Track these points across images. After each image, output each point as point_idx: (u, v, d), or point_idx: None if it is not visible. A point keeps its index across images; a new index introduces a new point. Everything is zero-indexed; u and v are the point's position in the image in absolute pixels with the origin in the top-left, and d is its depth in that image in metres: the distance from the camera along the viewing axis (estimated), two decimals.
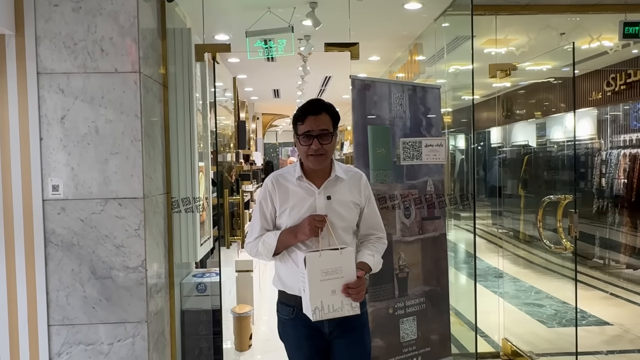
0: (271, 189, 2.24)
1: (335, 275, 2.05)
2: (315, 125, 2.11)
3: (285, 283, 2.25)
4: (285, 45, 4.00)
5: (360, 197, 2.28)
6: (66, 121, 2.80)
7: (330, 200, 2.19)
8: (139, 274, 2.86)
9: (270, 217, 2.25)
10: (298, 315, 2.19)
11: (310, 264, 2.03)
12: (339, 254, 2.08)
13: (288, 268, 2.22)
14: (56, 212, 2.82)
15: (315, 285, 2.02)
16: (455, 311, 4.70)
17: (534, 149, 9.63)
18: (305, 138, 2.13)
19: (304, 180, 2.20)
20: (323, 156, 2.14)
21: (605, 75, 7.45)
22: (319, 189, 2.20)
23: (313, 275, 2.02)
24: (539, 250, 7.61)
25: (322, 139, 2.12)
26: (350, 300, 2.06)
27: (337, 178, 2.22)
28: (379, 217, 2.38)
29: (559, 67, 5.90)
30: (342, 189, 2.24)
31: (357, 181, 2.29)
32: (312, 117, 2.12)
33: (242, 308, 4.42)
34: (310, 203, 2.18)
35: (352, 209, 2.25)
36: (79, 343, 2.85)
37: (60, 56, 2.79)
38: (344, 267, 2.07)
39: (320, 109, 2.15)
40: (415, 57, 5.64)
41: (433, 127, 3.73)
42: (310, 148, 2.12)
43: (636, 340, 4.57)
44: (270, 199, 2.24)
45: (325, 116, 2.15)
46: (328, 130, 2.14)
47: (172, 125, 3.34)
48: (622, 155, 6.91)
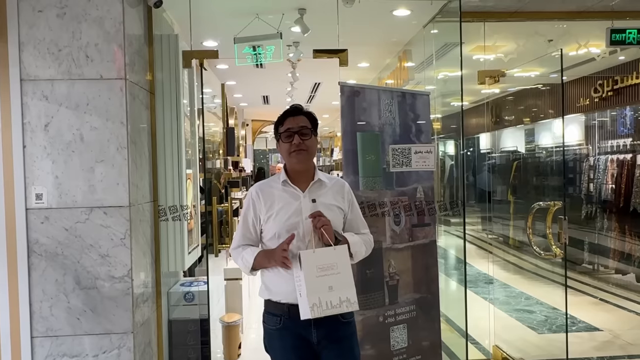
0: (255, 198, 2.27)
1: (331, 271, 2.06)
2: (294, 123, 2.21)
3: (272, 290, 2.23)
4: (273, 52, 3.98)
5: (344, 202, 2.33)
6: (50, 128, 2.76)
7: (316, 203, 2.23)
8: (124, 283, 2.81)
9: (252, 227, 2.28)
10: (285, 325, 2.18)
11: (305, 261, 2.04)
12: (332, 250, 2.10)
13: (275, 275, 2.21)
14: (40, 221, 2.76)
15: (311, 281, 2.03)
16: (446, 318, 4.68)
17: (523, 154, 9.69)
18: (286, 136, 2.21)
19: (288, 184, 2.25)
20: (305, 152, 2.21)
21: (592, 82, 7.51)
22: (304, 192, 2.24)
23: (309, 271, 2.03)
24: (529, 256, 7.63)
25: (302, 135, 2.20)
26: (347, 297, 2.07)
27: (321, 182, 2.28)
28: (363, 222, 2.43)
29: (547, 73, 5.94)
30: (326, 193, 2.28)
31: (340, 187, 2.35)
32: (290, 117, 2.23)
33: (230, 317, 4.37)
34: (296, 206, 2.21)
35: (337, 213, 2.28)
36: (63, 355, 2.79)
37: (45, 62, 2.75)
38: (339, 263, 2.09)
39: (297, 111, 2.26)
40: (404, 63, 5.65)
41: (422, 134, 3.72)
42: (292, 144, 2.19)
43: (626, 346, 4.58)
44: (253, 209, 2.27)
45: (303, 117, 2.25)
46: (307, 127, 2.22)
47: (159, 132, 3.30)
48: (609, 161, 6.95)
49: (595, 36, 4.73)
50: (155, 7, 3.14)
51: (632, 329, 5.01)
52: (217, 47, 5.03)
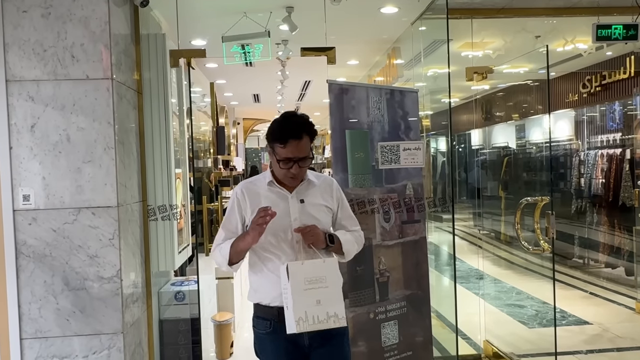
0: (240, 198, 2.20)
1: (320, 284, 2.00)
2: (297, 152, 2.08)
3: (261, 294, 2.18)
4: (262, 50, 3.98)
5: (333, 201, 2.28)
6: (36, 129, 2.74)
7: (304, 203, 2.18)
8: (114, 284, 2.80)
9: (235, 227, 2.20)
10: (276, 329, 2.12)
11: (293, 273, 1.98)
12: (322, 263, 2.04)
13: (263, 278, 2.16)
14: (27, 222, 2.75)
15: (298, 294, 1.96)
16: (437, 313, 4.70)
17: (513, 150, 9.74)
18: (284, 162, 2.11)
19: (275, 185, 2.19)
20: (299, 177, 2.16)
21: (581, 77, 7.56)
22: (292, 192, 2.18)
23: (296, 284, 1.96)
24: (519, 251, 7.68)
25: (301, 162, 2.12)
26: (335, 312, 2.01)
27: (310, 182, 2.22)
28: (353, 219, 2.38)
29: (536, 69, 5.97)
30: (315, 193, 2.23)
31: (329, 186, 2.30)
32: (294, 142, 2.07)
33: (222, 316, 4.37)
34: (283, 207, 2.14)
35: (326, 213, 2.24)
36: (53, 356, 2.78)
37: (30, 63, 2.73)
38: (328, 276, 2.02)
39: (301, 131, 2.09)
40: (393, 60, 5.66)
41: (411, 131, 3.73)
42: (289, 172, 2.11)
43: (615, 339, 4.62)
44: (238, 209, 2.20)
45: (306, 140, 2.11)
46: (307, 156, 2.13)
47: (148, 132, 3.29)
48: (599, 156, 7.01)
49: (582, 32, 4.77)
50: (141, 6, 3.13)
51: (621, 322, 5.06)
52: (205, 46, 5.02)
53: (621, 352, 4.35)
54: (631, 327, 4.91)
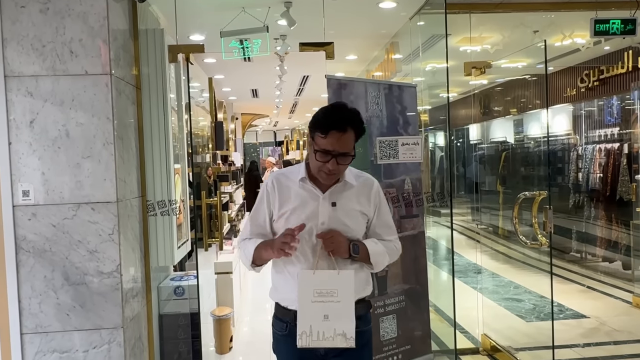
0: (270, 190, 2.03)
1: (330, 298, 1.82)
2: (337, 146, 1.87)
3: (280, 294, 2.06)
4: (260, 45, 3.98)
5: (369, 206, 2.06)
6: (36, 125, 2.75)
7: (335, 207, 1.97)
8: (113, 279, 2.81)
9: (263, 221, 2.05)
10: (292, 332, 1.97)
11: (303, 282, 1.84)
12: (336, 275, 1.86)
13: (283, 279, 2.03)
14: (27, 218, 2.76)
15: (305, 305, 1.81)
16: (435, 308, 4.73)
17: (511, 145, 9.76)
18: (322, 154, 1.89)
19: (307, 182, 1.99)
20: (336, 175, 1.95)
21: (579, 72, 7.57)
22: (324, 193, 1.98)
23: (304, 294, 1.82)
24: (517, 246, 7.71)
25: (340, 159, 1.90)
26: (343, 330, 1.84)
27: (346, 184, 2.01)
28: (390, 227, 2.14)
29: (534, 64, 5.97)
30: (350, 196, 2.01)
31: (368, 189, 2.07)
32: (336, 133, 1.87)
33: (222, 310, 4.39)
34: (313, 209, 1.96)
35: (359, 220, 2.03)
36: (53, 351, 2.79)
37: (29, 58, 2.73)
38: (340, 290, 1.84)
39: (346, 124, 1.89)
40: (391, 55, 5.66)
41: (410, 126, 3.74)
42: (325, 166, 1.90)
43: (612, 333, 4.65)
44: (267, 201, 2.03)
45: (350, 134, 1.90)
46: (349, 153, 1.91)
47: (146, 127, 3.29)
48: (597, 150, 7.03)
49: (580, 27, 4.77)
50: (139, 1, 3.13)
51: (619, 316, 5.10)
52: (204, 41, 5.01)
53: (618, 345, 4.38)
54: (628, 321, 4.95)
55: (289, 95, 10.42)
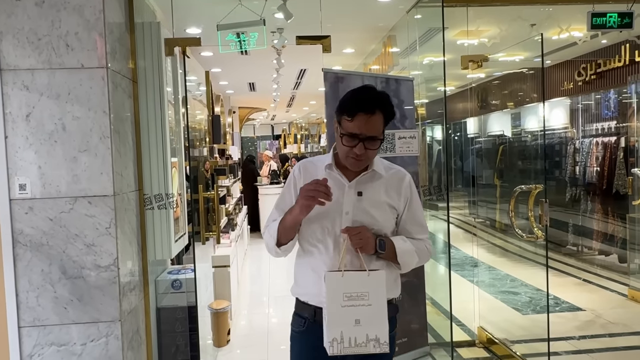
0: (297, 176, 1.97)
1: (361, 301, 1.72)
2: (365, 129, 1.77)
3: (301, 289, 1.96)
4: (257, 39, 3.96)
5: (399, 200, 1.94)
6: (32, 119, 2.74)
7: (361, 197, 1.87)
8: (111, 272, 2.82)
9: (288, 208, 1.93)
10: (310, 328, 1.89)
11: (331, 285, 1.73)
12: (366, 276, 1.75)
13: (304, 272, 1.94)
14: (24, 211, 2.76)
15: (334, 310, 1.70)
16: (432, 301, 4.76)
17: (509, 138, 9.77)
18: (349, 138, 1.80)
19: (334, 169, 1.90)
20: (364, 161, 1.85)
21: (576, 65, 7.58)
22: (350, 182, 1.89)
23: (333, 298, 1.71)
24: (514, 239, 7.74)
25: (368, 143, 1.80)
26: (376, 335, 1.74)
27: (375, 174, 1.91)
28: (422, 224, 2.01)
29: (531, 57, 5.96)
30: (378, 187, 1.91)
31: (399, 181, 1.95)
32: (363, 116, 1.77)
33: (219, 304, 4.40)
34: (337, 197, 1.83)
35: (387, 212, 1.92)
36: (51, 344, 2.80)
37: (24, 52, 2.72)
38: (372, 292, 1.74)
39: (374, 106, 1.78)
40: (389, 49, 5.65)
41: (407, 119, 3.75)
42: (352, 151, 1.80)
43: (607, 325, 4.68)
44: (294, 188, 1.96)
45: (378, 116, 1.80)
46: (377, 137, 1.81)
47: (143, 121, 3.29)
48: (594, 144, 7.04)
49: (577, 20, 4.76)
50: None
51: (614, 309, 5.13)
52: (200, 34, 5.00)
53: (613, 337, 4.41)
54: (623, 313, 4.98)
55: (286, 89, 10.41)
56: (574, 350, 4.12)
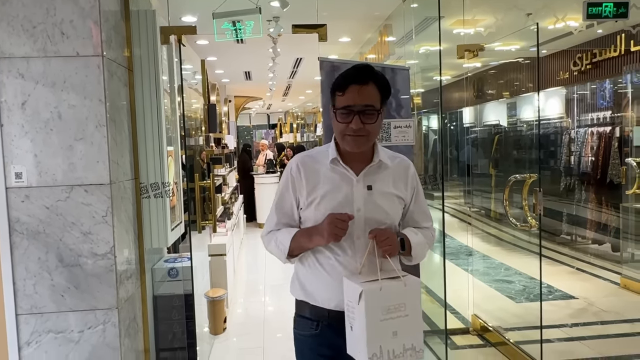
0: (295, 175, 1.82)
1: (398, 313, 1.65)
2: (358, 99, 1.68)
3: (310, 293, 1.83)
4: (253, 27, 3.96)
5: (407, 191, 1.87)
6: (27, 107, 2.73)
7: (372, 190, 1.77)
8: (108, 260, 2.83)
9: (290, 210, 1.85)
10: (323, 332, 1.79)
11: (370, 301, 1.61)
12: (402, 287, 1.67)
13: (316, 276, 1.81)
14: (20, 200, 2.76)
15: (374, 326, 1.61)
16: (427, 289, 4.79)
17: (504, 128, 9.80)
18: (343, 114, 1.70)
19: (339, 163, 1.79)
20: (364, 138, 1.72)
21: (572, 55, 7.59)
22: (358, 175, 1.78)
23: (372, 314, 1.61)
24: (509, 228, 7.79)
25: (365, 116, 1.69)
26: (412, 344, 1.67)
27: (381, 164, 1.81)
28: (427, 213, 1.97)
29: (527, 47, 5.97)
30: (386, 178, 1.82)
31: (404, 171, 1.87)
32: (355, 87, 1.69)
33: (215, 292, 4.43)
34: (347, 193, 1.76)
35: (396, 204, 1.84)
36: (49, 331, 2.82)
37: (19, 40, 2.71)
38: (409, 303, 1.66)
39: (367, 77, 1.69)
40: (385, 38, 5.65)
41: (402, 109, 3.75)
42: (349, 127, 1.70)
43: (599, 313, 4.74)
44: (292, 187, 1.82)
45: (372, 87, 1.70)
46: (374, 107, 1.70)
47: (139, 109, 3.28)
48: (589, 134, 7.07)
49: (573, 9, 4.77)
50: None
51: (606, 297, 5.19)
52: (196, 23, 4.98)
53: (605, 325, 4.47)
54: (616, 302, 5.04)
55: (282, 78, 10.38)
56: (566, 338, 4.17)
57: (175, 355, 3.61)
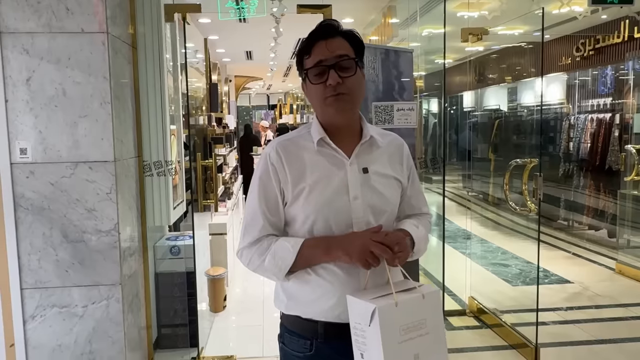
0: (276, 162, 1.48)
1: (419, 332, 1.36)
2: (328, 52, 1.43)
3: (303, 303, 1.51)
4: (257, 6, 3.93)
5: (403, 171, 1.60)
6: (32, 83, 2.74)
7: (367, 174, 1.50)
8: (112, 237, 2.86)
9: (276, 207, 1.51)
10: (319, 350, 1.50)
11: (385, 320, 1.30)
12: (421, 300, 1.38)
13: (307, 283, 1.50)
14: (25, 175, 2.78)
15: (392, 351, 1.30)
16: (425, 271, 4.85)
17: (504, 113, 9.79)
18: (316, 74, 1.45)
19: (326, 145, 1.50)
20: (347, 96, 1.44)
21: (575, 41, 7.56)
22: (350, 157, 1.50)
23: (389, 336, 1.30)
24: (507, 213, 7.84)
25: (341, 70, 1.43)
26: None
27: (373, 141, 1.54)
28: (424, 197, 1.71)
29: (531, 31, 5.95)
30: (381, 158, 1.55)
31: (398, 150, 1.60)
32: (322, 42, 1.45)
33: (216, 270, 4.47)
34: (340, 178, 1.47)
35: (395, 188, 1.57)
36: (53, 306, 2.86)
37: (24, 15, 2.70)
38: (429, 318, 1.38)
39: (332, 31, 1.47)
40: (388, 19, 5.62)
41: (405, 91, 3.76)
42: (327, 86, 1.43)
43: (594, 297, 4.81)
44: (275, 178, 1.49)
45: (340, 40, 1.47)
46: (348, 56, 1.45)
47: (142, 87, 3.29)
48: (589, 120, 7.08)
49: None
50: None
51: (601, 282, 5.26)
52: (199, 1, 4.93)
53: (599, 309, 4.54)
54: (610, 286, 5.10)
55: (283, 58, 10.31)
56: (561, 321, 4.24)
57: (177, 332, 3.67)
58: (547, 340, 3.71)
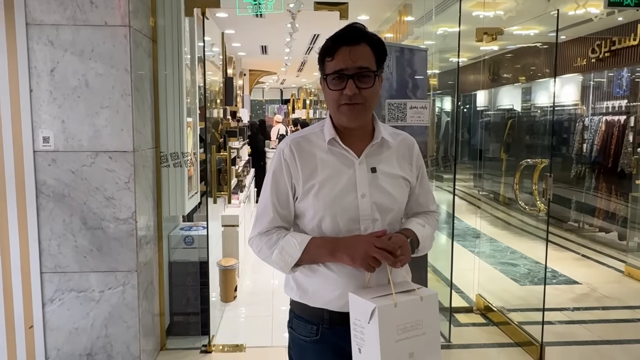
0: (289, 158, 1.56)
1: (415, 332, 1.45)
2: (350, 61, 1.46)
3: (310, 293, 1.60)
4: (274, 2, 3.99)
5: (412, 171, 1.66)
6: (56, 74, 2.82)
7: (376, 173, 1.56)
8: (129, 225, 2.95)
9: (287, 201, 1.59)
10: (324, 336, 1.59)
11: (383, 319, 1.39)
12: (418, 302, 1.46)
13: (316, 276, 1.59)
14: (47, 163, 2.87)
15: (389, 348, 1.40)
16: (433, 268, 4.90)
17: (518, 113, 9.77)
18: (335, 80, 1.49)
19: (337, 144, 1.56)
20: (361, 106, 1.50)
21: (590, 42, 7.53)
22: (360, 157, 1.57)
23: (386, 334, 1.40)
24: (517, 213, 7.85)
25: (360, 80, 1.48)
26: None
27: (384, 142, 1.60)
28: (432, 195, 1.76)
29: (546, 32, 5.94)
30: (390, 158, 1.61)
31: (408, 149, 1.65)
32: (346, 48, 1.47)
33: (227, 261, 4.56)
34: (349, 177, 1.54)
35: (403, 188, 1.62)
36: (71, 290, 2.96)
37: (49, 7, 2.79)
38: (425, 319, 1.46)
39: (358, 37, 1.49)
40: (404, 17, 5.64)
41: (419, 89, 3.79)
42: (343, 94, 1.48)
43: (602, 299, 4.83)
44: (288, 174, 1.56)
45: (365, 48, 1.49)
46: (369, 69, 1.48)
47: (161, 80, 3.36)
48: (602, 122, 7.06)
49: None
50: None
51: (610, 283, 5.27)
52: None
53: (607, 310, 4.56)
54: (618, 288, 5.11)
55: (298, 54, 10.38)
56: (567, 321, 4.27)
57: (188, 320, 3.76)
58: (552, 339, 3.75)
